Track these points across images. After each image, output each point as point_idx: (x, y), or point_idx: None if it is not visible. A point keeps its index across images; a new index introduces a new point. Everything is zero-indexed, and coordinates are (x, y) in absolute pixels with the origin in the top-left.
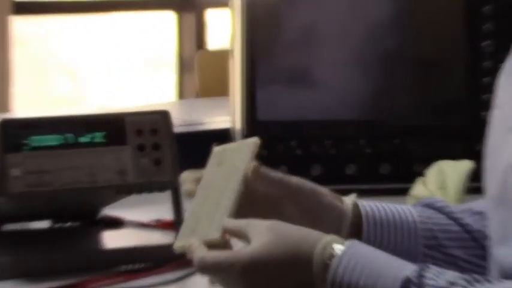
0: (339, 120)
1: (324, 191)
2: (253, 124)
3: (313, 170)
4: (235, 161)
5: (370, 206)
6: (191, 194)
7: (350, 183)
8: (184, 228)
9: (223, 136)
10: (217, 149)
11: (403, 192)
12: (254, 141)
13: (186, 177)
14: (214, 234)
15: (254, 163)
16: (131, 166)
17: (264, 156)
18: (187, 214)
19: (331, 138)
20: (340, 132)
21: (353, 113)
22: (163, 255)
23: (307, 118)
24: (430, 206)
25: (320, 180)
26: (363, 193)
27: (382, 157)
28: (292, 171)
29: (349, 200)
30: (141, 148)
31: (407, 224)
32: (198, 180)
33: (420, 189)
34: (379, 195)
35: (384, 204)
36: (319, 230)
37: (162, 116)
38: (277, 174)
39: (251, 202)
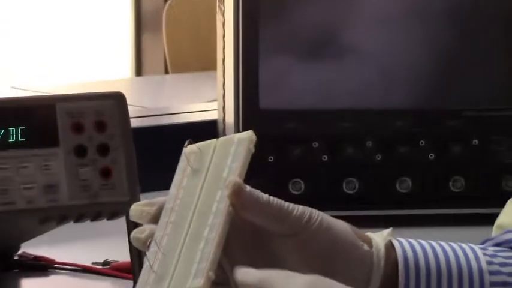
0: (387, 111)
1: (342, 227)
2: (253, 115)
3: (347, 186)
4: (219, 168)
5: (413, 246)
6: (144, 245)
7: (404, 207)
8: (146, 273)
9: (206, 132)
10: (190, 150)
11: (486, 220)
12: (247, 136)
13: (137, 213)
14: (195, 283)
15: (237, 177)
16: (65, 179)
17: (270, 164)
18: (149, 251)
19: (374, 138)
20: (389, 128)
21: (408, 100)
22: None
23: (336, 106)
24: (507, 243)
25: (358, 201)
26: (424, 221)
27: (454, 167)
28: (314, 187)
29: (380, 238)
30: (80, 151)
31: (468, 275)
32: (155, 219)
33: (511, 216)
34: (449, 225)
35: (434, 243)
36: None
37: (114, 101)
38: (271, 204)
39: (233, 230)
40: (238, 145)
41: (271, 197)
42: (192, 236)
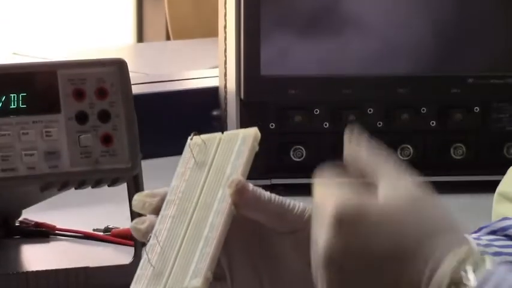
0: (388, 78)
1: None
2: (254, 81)
3: None
4: (223, 164)
5: None
6: (143, 236)
7: None
8: (144, 266)
9: (207, 100)
10: (195, 142)
11: (486, 187)
12: (252, 133)
13: (139, 203)
14: (193, 283)
15: (240, 176)
16: (66, 146)
17: (271, 131)
18: (148, 244)
19: (375, 105)
20: (390, 95)
21: (409, 67)
22: (114, 282)
23: (338, 73)
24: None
25: None
26: None
27: (455, 134)
28: (316, 154)
29: None
30: (81, 118)
31: None
32: (157, 210)
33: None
34: (450, 192)
35: None
36: None
37: (116, 68)
38: (272, 202)
39: (232, 226)
40: (242, 142)
41: (273, 195)
42: (191, 233)
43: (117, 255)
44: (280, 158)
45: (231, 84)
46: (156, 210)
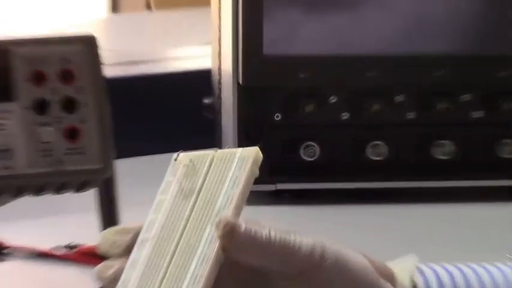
0: (421, 58)
1: (362, 263)
2: (255, 62)
3: (373, 151)
4: (213, 193)
5: (439, 278)
6: (110, 284)
7: (443, 178)
8: None
9: (197, 85)
10: (181, 162)
11: None
12: (251, 155)
13: (108, 242)
14: None
15: (232, 212)
16: (22, 142)
17: (277, 124)
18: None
19: (406, 92)
20: (424, 80)
21: (446, 45)
22: None
23: (359, 52)
24: None
25: (386, 170)
26: (466, 195)
27: (503, 127)
28: (331, 152)
29: (405, 272)
30: (41, 107)
31: None
32: (129, 251)
33: None
34: (499, 200)
35: (465, 270)
36: None
37: (83, 45)
38: (273, 243)
39: (224, 267)
40: (239, 165)
41: (273, 232)
42: (175, 273)
43: (83, 279)
44: (287, 157)
45: (227, 66)
46: (128, 251)
